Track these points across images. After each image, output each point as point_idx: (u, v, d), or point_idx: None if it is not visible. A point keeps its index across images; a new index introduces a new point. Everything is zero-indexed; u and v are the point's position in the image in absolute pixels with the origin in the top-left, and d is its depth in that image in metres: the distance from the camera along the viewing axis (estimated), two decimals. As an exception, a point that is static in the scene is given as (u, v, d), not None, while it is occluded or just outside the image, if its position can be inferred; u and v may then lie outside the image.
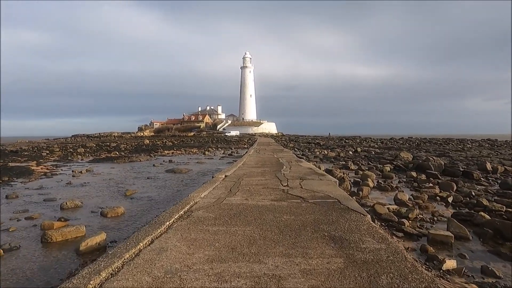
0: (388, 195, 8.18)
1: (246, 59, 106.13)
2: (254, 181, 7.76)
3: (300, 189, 6.65)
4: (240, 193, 6.25)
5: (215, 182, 7.61)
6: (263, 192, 6.30)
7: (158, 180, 10.30)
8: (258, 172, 9.57)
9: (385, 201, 7.56)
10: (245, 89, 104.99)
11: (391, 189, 8.83)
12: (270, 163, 12.67)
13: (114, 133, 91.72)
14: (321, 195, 6.06)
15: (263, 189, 6.71)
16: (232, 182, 7.61)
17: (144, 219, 5.53)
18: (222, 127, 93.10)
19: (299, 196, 5.89)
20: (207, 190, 6.54)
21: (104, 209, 5.99)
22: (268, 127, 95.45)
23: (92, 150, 28.81)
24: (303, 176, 8.73)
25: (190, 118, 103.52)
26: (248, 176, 8.68)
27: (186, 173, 12.08)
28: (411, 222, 5.55)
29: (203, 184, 7.56)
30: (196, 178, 10.68)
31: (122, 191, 8.12)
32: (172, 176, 11.22)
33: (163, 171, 12.58)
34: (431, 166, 12.09)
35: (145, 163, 16.53)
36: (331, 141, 45.83)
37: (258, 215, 4.54)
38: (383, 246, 3.33)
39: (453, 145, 33.98)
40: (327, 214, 4.62)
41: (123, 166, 14.97)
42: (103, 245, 4.08)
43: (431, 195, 7.87)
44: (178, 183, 9.58)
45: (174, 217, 4.38)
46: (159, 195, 7.78)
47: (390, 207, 6.48)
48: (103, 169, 13.86)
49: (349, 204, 5.26)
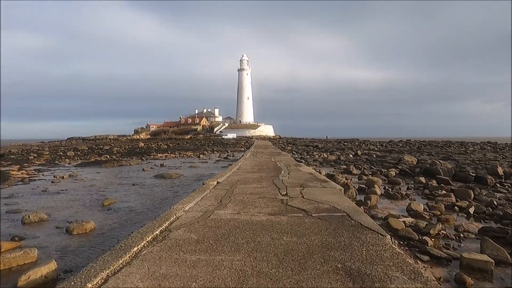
0: (399, 205, 7.31)
1: (244, 62, 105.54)
2: (249, 189, 6.87)
3: (301, 199, 5.77)
4: (231, 204, 5.36)
5: (204, 190, 6.72)
6: (258, 203, 5.41)
7: (144, 186, 9.39)
8: (254, 178, 8.68)
9: (396, 211, 6.69)
10: (243, 92, 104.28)
11: (401, 197, 7.96)
12: (267, 167, 11.79)
13: (110, 136, 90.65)
14: (327, 206, 5.18)
15: (258, 199, 5.82)
16: (224, 190, 6.72)
17: (116, 237, 4.62)
18: (219, 130, 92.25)
19: (301, 209, 5.01)
20: (194, 200, 5.65)
21: (71, 224, 5.08)
22: (266, 130, 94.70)
23: (83, 153, 27.81)
24: (304, 183, 7.85)
25: (187, 121, 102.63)
26: (242, 183, 7.79)
27: (176, 178, 11.17)
28: (433, 240, 4.68)
29: (191, 192, 6.66)
30: (186, 184, 9.77)
31: (101, 200, 7.21)
32: (160, 182, 10.31)
33: (152, 177, 11.66)
34: (440, 171, 11.24)
35: (134, 167, 15.60)
36: (329, 144, 45.02)
37: (252, 236, 3.65)
38: (419, 286, 2.45)
39: (455, 148, 33.22)
40: (337, 234, 3.73)
41: (110, 171, 14.04)
42: (52, 277, 3.17)
43: (447, 204, 7.00)
44: (165, 190, 8.67)
45: (146, 240, 3.48)
46: (141, 205, 6.87)
47: (405, 220, 5.61)
48: (88, 174, 12.93)
49: (361, 219, 4.39)
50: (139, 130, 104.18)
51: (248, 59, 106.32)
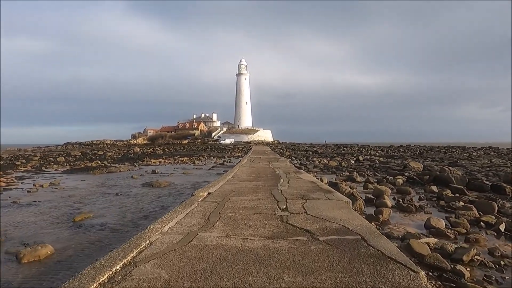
0: (415, 219, 6.43)
1: (242, 66, 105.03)
2: (243, 202, 5.97)
3: (304, 216, 4.87)
4: (221, 223, 4.46)
5: (191, 204, 5.82)
6: (253, 222, 4.51)
7: (128, 197, 8.48)
8: (250, 188, 7.78)
9: (413, 228, 5.80)
10: (241, 96, 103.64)
11: (415, 209, 7.07)
12: (264, 175, 10.90)
13: (107, 141, 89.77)
14: (335, 226, 4.28)
15: (254, 215, 4.92)
16: (215, 204, 5.81)
17: (74, 268, 3.71)
18: (217, 134, 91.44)
19: (305, 229, 4.11)
20: (177, 218, 4.75)
21: (24, 248, 4.17)
22: (264, 135, 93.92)
23: (75, 159, 26.86)
24: (306, 193, 6.96)
25: (184, 126, 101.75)
26: (236, 194, 6.90)
27: (166, 187, 10.26)
28: (469, 269, 3.79)
29: (176, 207, 5.76)
30: (175, 194, 8.87)
31: (73, 215, 6.30)
32: (148, 191, 9.40)
33: (140, 185, 10.75)
34: (452, 179, 10.37)
35: (124, 174, 14.68)
36: (329, 149, 44.17)
37: (242, 273, 2.75)
38: None
39: (458, 153, 32.39)
40: (355, 269, 2.84)
41: (97, 178, 13.11)
42: None
43: (470, 219, 6.12)
44: (151, 201, 7.77)
45: (98, 281, 2.58)
46: (120, 220, 5.96)
47: (428, 241, 4.72)
48: (72, 181, 12.00)
49: (381, 244, 3.49)
50: (137, 135, 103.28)
51: (246, 64, 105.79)
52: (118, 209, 6.93)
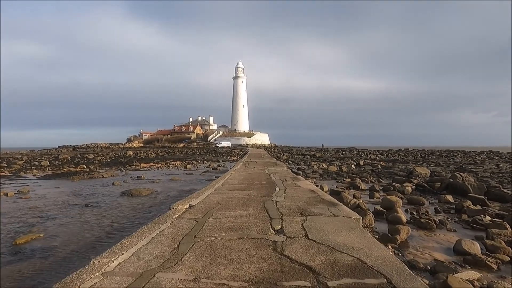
0: (439, 240, 5.29)
1: (239, 69, 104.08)
2: (228, 220, 4.81)
3: (304, 242, 3.71)
4: (193, 254, 3.29)
5: (164, 222, 4.66)
6: (236, 252, 3.35)
7: (98, 209, 7.30)
8: (240, 200, 6.62)
9: (440, 252, 4.66)
10: (238, 100, 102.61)
11: (435, 226, 5.93)
12: (258, 182, 9.75)
13: (102, 144, 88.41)
14: (348, 260, 3.12)
15: (239, 241, 3.76)
16: (192, 223, 4.65)
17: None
18: (213, 138, 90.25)
19: (307, 266, 2.95)
20: (137, 244, 3.59)
21: None
22: (261, 138, 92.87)
23: (61, 162, 25.59)
24: (305, 206, 5.80)
25: (180, 129, 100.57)
26: (222, 208, 5.73)
27: (147, 196, 9.08)
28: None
29: (143, 226, 4.58)
30: (153, 206, 7.69)
31: (20, 234, 5.10)
32: (124, 202, 8.22)
33: (118, 193, 9.57)
34: (469, 187, 9.25)
35: (106, 180, 13.47)
36: (327, 153, 43.04)
37: None
38: None
39: (462, 158, 31.36)
40: None
41: (74, 185, 11.91)
42: None
43: (508, 240, 4.99)
44: (122, 216, 6.59)
45: None
46: (72, 244, 4.78)
47: (469, 276, 3.57)
48: (44, 189, 10.79)
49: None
50: (132, 139, 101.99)
51: (243, 67, 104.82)
52: (79, 226, 5.74)
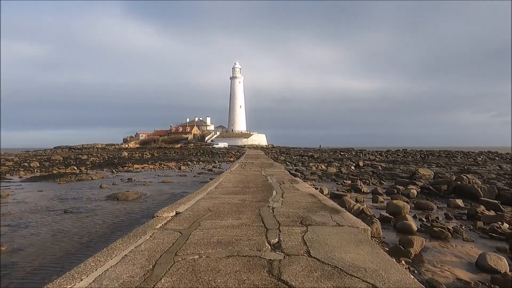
0: (457, 252, 4.68)
1: (236, 70, 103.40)
2: (217, 232, 4.17)
3: (306, 261, 3.09)
4: (169, 280, 2.66)
5: (143, 234, 4.03)
6: (223, 276, 2.72)
7: (78, 215, 6.66)
8: (233, 205, 5.99)
9: (461, 269, 4.06)
10: (235, 100, 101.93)
11: (450, 235, 5.33)
12: (254, 185, 9.13)
13: (98, 145, 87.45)
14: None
15: (227, 260, 3.13)
16: (175, 235, 4.01)
17: None
18: (210, 138, 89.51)
19: (310, 299, 2.34)
20: (105, 264, 2.96)
21: None
22: (258, 139, 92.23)
23: (52, 164, 24.86)
24: (305, 214, 5.18)
25: (177, 130, 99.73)
26: (213, 215, 5.10)
27: (133, 200, 8.44)
28: None
29: (118, 240, 3.94)
30: (138, 212, 7.05)
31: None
32: (108, 207, 7.58)
33: (103, 197, 8.92)
34: (479, 190, 8.67)
35: (95, 182, 12.80)
36: (325, 154, 42.46)
37: None
38: None
39: (463, 159, 30.84)
40: None
41: (59, 188, 11.25)
42: None
43: (535, 253, 4.39)
44: (101, 224, 5.95)
45: None
46: (37, 260, 4.14)
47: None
48: (26, 192, 10.12)
49: None
50: (128, 139, 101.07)
51: (240, 67, 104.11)
52: (51, 236, 5.09)
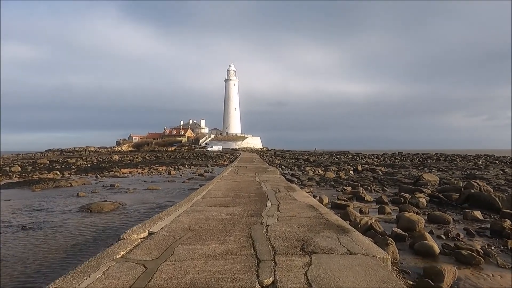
0: (496, 285, 3.74)
1: (231, 72, 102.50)
2: (193, 265, 3.18)
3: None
4: None
5: (94, 270, 3.03)
6: None
7: (35, 233, 5.64)
8: (220, 222, 5.01)
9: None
10: (229, 103, 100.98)
11: (482, 260, 4.39)
12: (247, 193, 8.16)
13: (90, 148, 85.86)
14: None
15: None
16: (135, 272, 3.01)
17: None
18: (204, 141, 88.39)
19: None
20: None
21: None
22: (253, 142, 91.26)
23: (37, 168, 23.68)
24: (307, 234, 4.21)
25: (171, 132, 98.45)
26: (192, 238, 4.10)
27: (108, 212, 7.43)
28: None
29: (58, 280, 2.95)
30: (109, 228, 6.04)
31: None
32: (77, 221, 6.56)
33: (76, 208, 7.90)
34: (497, 200, 7.78)
35: (73, 190, 11.75)
36: (321, 157, 41.60)
37: None
38: None
39: (463, 162, 30.11)
40: None
41: (32, 196, 10.19)
42: None
43: None
44: (58, 247, 4.95)
45: None
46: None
47: None
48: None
49: None
50: (121, 142, 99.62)
51: (235, 69, 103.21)
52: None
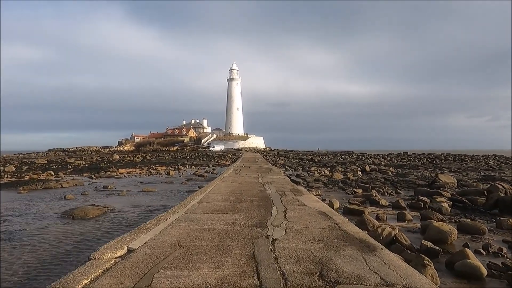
0: None
1: (233, 71, 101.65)
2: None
3: None
4: None
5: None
6: None
7: (4, 244, 4.79)
8: (216, 235, 4.13)
9: None
10: (232, 102, 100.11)
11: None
12: (249, 197, 7.29)
13: (92, 148, 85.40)
14: None
15: None
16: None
17: None
18: (207, 141, 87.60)
19: None
20: None
21: None
22: (256, 142, 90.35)
23: (32, 167, 22.94)
24: (324, 254, 3.33)
25: (174, 132, 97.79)
26: (180, 259, 3.23)
27: (92, 218, 6.58)
28: None
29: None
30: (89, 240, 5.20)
31: None
32: (54, 230, 5.73)
33: (57, 214, 7.07)
34: (532, 206, 6.86)
35: (61, 192, 10.94)
36: (325, 157, 40.66)
37: None
38: None
39: (474, 162, 29.08)
40: None
41: (16, 198, 9.41)
42: None
43: None
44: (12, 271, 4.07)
45: None
46: None
47: None
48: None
49: None
50: (123, 142, 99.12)
51: (238, 69, 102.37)
52: None
